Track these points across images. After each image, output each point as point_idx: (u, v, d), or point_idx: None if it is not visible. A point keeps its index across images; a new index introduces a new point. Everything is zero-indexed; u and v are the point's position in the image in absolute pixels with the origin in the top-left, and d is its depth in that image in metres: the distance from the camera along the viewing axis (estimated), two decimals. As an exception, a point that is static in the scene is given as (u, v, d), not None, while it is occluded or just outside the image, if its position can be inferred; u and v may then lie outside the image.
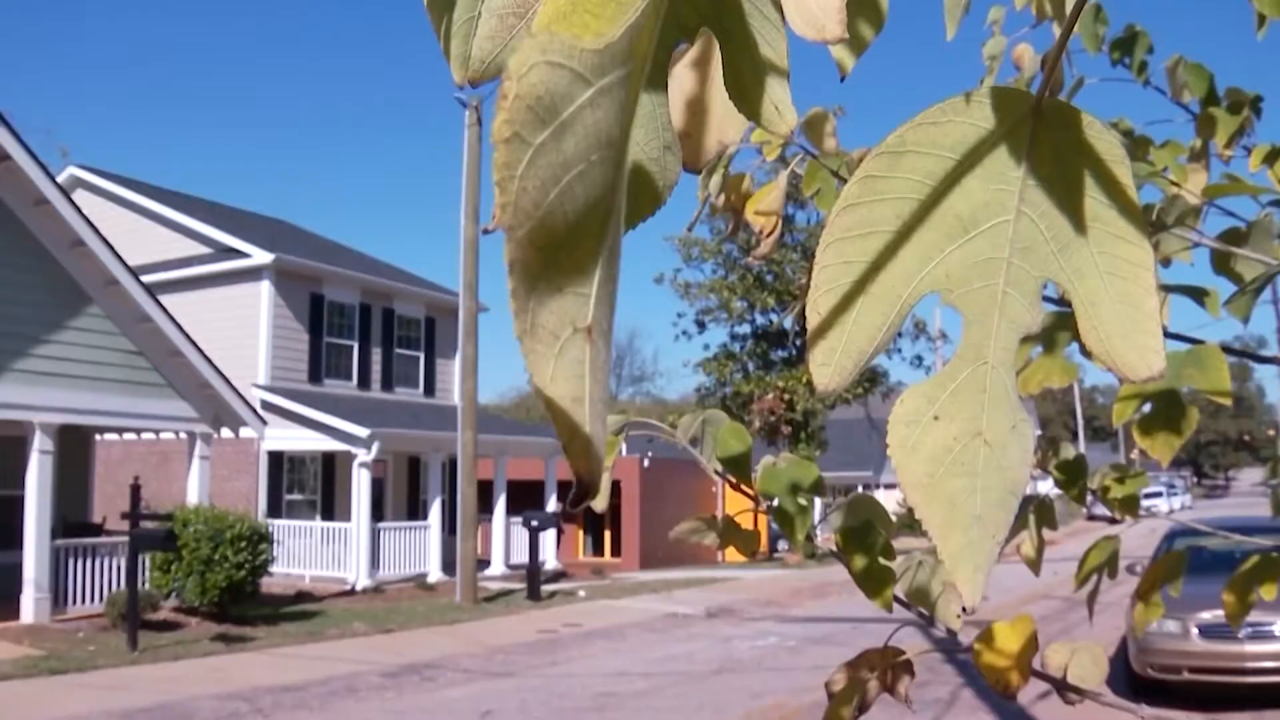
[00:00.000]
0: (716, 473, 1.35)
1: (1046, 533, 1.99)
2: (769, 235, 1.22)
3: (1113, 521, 1.95)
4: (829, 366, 0.63)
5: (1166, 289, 1.49)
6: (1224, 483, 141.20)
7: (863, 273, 0.62)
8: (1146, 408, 1.28)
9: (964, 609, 0.62)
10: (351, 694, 12.64)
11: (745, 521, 1.42)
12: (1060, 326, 1.32)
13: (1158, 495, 73.17)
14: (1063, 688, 1.19)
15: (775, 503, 1.30)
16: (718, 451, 1.33)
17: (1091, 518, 63.21)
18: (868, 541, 1.24)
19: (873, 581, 1.25)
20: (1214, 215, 2.09)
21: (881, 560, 1.25)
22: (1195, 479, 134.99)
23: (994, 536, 0.62)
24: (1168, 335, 1.49)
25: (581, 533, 36.87)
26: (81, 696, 11.60)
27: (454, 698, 12.64)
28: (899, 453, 0.64)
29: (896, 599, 1.29)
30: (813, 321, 0.63)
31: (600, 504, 1.36)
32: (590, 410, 0.49)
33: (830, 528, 1.29)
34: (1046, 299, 1.14)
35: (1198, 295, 1.54)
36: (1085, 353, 1.41)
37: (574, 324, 0.49)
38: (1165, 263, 1.65)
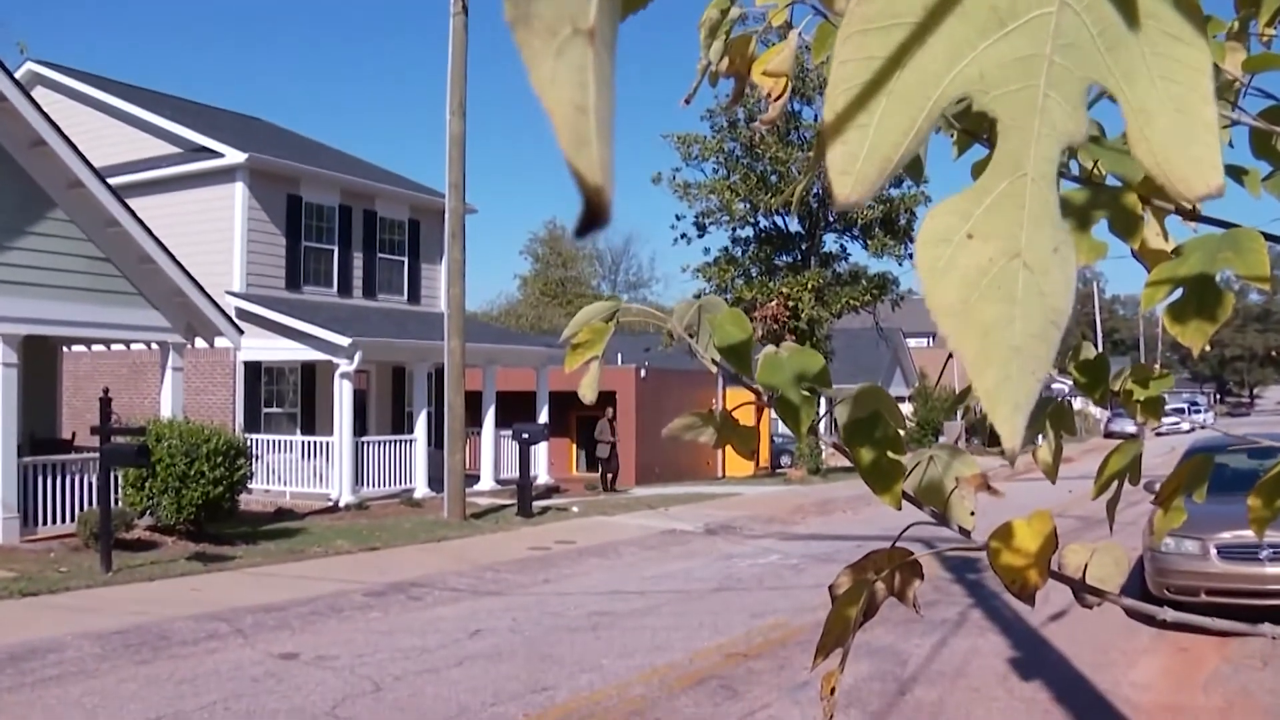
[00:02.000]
0: (714, 362, 1.33)
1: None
2: (777, 99, 1.18)
3: (1132, 440, 1.93)
4: (850, 175, 0.59)
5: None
6: (1248, 400, 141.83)
7: (886, 69, 0.58)
8: (1178, 293, 1.26)
9: (1005, 451, 0.59)
10: (335, 614, 12.78)
11: (745, 417, 1.39)
12: (1093, 205, 1.29)
13: (1179, 412, 73.81)
14: (1081, 589, 1.17)
15: (777, 395, 1.27)
16: (716, 340, 1.30)
17: (1109, 435, 63.69)
18: (876, 434, 1.22)
19: (881, 477, 1.22)
20: (1252, 99, 2.04)
21: (890, 454, 1.23)
22: (1218, 396, 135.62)
23: (1034, 373, 0.59)
24: (1201, 219, 1.46)
25: (575, 447, 37.08)
26: (54, 618, 11.71)
27: (442, 617, 12.78)
28: (928, 276, 0.60)
29: (906, 497, 1.27)
30: (830, 124, 0.59)
31: (589, 395, 1.34)
32: (596, 123, 0.46)
33: (836, 419, 1.27)
34: (1072, 179, 1.09)
35: (1236, 174, 1.51)
36: (1116, 230, 1.38)
37: (574, 23, 0.46)
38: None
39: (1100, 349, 2.04)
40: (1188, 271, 1.27)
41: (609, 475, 30.71)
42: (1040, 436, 2.01)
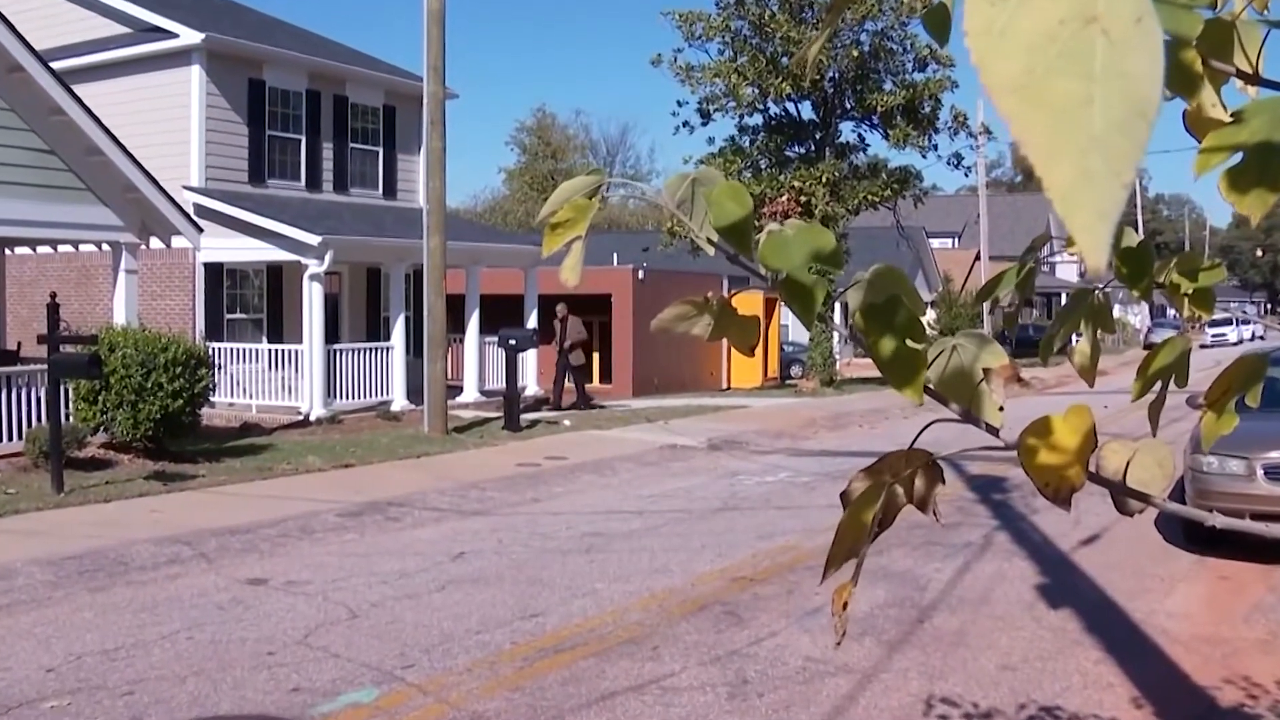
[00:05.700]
0: (710, 242, 1.28)
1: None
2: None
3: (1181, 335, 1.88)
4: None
5: (1265, 23, 1.40)
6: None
7: None
8: (1236, 159, 1.21)
9: (1088, 270, 0.52)
10: (307, 536, 12.85)
11: (746, 307, 1.35)
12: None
13: (1225, 324, 73.84)
14: (1121, 492, 1.14)
15: (783, 277, 1.23)
16: (712, 218, 1.25)
17: (1148, 347, 63.82)
18: (895, 321, 1.18)
19: (901, 368, 1.18)
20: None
21: (911, 342, 1.18)
22: (1269, 306, 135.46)
23: (1119, 174, 0.51)
24: (1263, 82, 1.41)
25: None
26: (3, 544, 11.76)
27: (422, 539, 12.86)
28: (982, 41, 0.52)
29: (929, 392, 1.23)
30: None
31: (572, 278, 1.29)
32: None
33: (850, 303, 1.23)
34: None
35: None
36: (1174, 88, 1.33)
37: None
38: (1263, 5, 1.56)
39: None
40: (1249, 137, 1.22)
41: (558, 388, 28.09)
42: (1075, 336, 1.98)
